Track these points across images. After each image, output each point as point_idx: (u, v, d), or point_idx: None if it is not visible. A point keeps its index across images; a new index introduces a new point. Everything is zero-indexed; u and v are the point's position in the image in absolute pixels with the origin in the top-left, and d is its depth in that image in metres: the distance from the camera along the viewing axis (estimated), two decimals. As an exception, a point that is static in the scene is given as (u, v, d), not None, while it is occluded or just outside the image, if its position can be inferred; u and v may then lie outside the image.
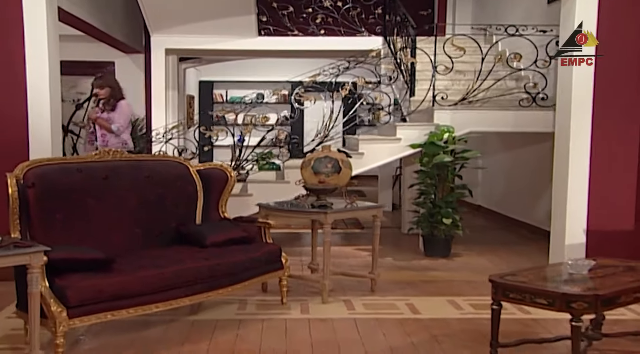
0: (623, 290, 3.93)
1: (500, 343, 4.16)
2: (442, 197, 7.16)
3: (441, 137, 7.08)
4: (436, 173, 7.16)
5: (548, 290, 3.85)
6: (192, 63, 13.11)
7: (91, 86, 7.73)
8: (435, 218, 7.14)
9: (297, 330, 4.84)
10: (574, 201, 6.32)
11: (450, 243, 7.26)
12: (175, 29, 10.02)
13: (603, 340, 4.51)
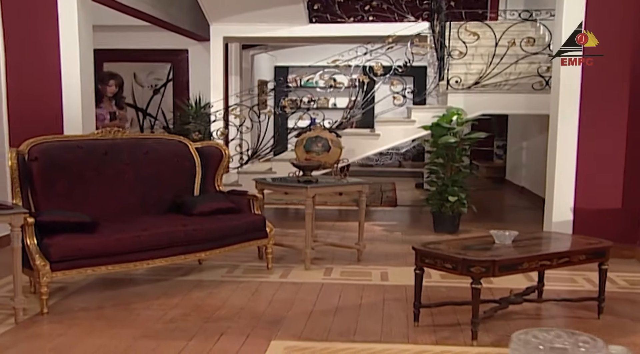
0: (524, 257, 4.26)
1: (423, 304, 4.55)
2: (449, 176, 7.48)
3: (449, 119, 7.40)
4: (445, 153, 7.48)
5: (452, 256, 4.22)
6: (258, 49, 13.75)
7: (106, 79, 7.88)
8: (442, 196, 7.48)
9: (265, 291, 5.37)
10: (562, 181, 6.56)
11: (457, 220, 7.59)
12: (232, 18, 10.66)
13: (523, 304, 4.83)
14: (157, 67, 13.50)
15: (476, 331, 4.20)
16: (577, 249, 4.54)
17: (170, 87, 13.48)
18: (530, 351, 1.99)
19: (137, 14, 9.86)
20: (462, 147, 7.51)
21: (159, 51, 13.20)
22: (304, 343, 4.17)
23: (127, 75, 13.25)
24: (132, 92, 13.50)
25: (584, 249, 4.56)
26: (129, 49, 13.19)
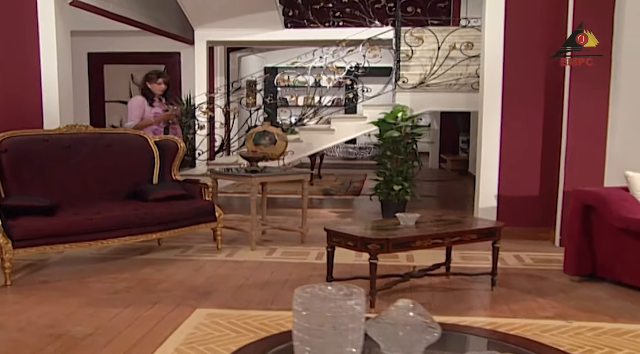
0: (417, 236, 4.59)
1: (335, 277, 4.90)
2: (395, 167, 7.82)
3: (395, 116, 7.74)
4: (391, 146, 7.82)
5: (353, 235, 4.58)
6: (245, 52, 14.11)
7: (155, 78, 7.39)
8: (388, 186, 7.82)
9: (208, 268, 5.74)
10: (487, 171, 6.88)
11: (403, 207, 7.92)
12: (214, 24, 11.00)
13: (432, 279, 5.21)
14: (152, 68, 13.85)
15: (373, 300, 4.54)
16: (467, 229, 4.85)
17: (164, 87, 13.81)
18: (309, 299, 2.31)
19: (127, 22, 10.22)
20: (407, 141, 7.82)
21: (154, 54, 13.60)
22: (224, 311, 4.52)
23: (125, 76, 13.72)
24: (130, 92, 13.88)
25: (474, 229, 4.88)
26: (126, 52, 13.63)
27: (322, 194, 9.95)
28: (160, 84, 7.27)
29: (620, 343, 3.99)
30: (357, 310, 2.24)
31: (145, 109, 7.18)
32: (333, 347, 2.20)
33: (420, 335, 2.48)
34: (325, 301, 2.27)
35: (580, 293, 5.05)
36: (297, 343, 2.23)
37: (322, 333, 2.21)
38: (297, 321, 2.22)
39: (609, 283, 5.24)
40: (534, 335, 4.10)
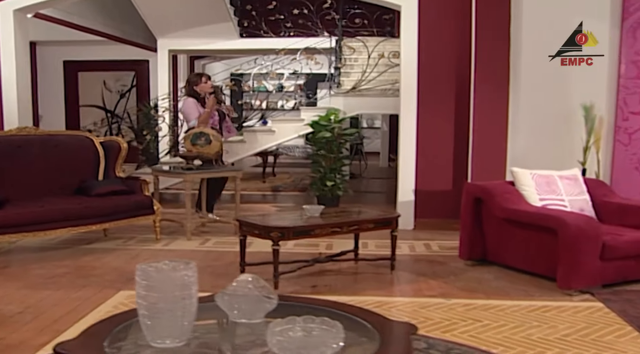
0: (316, 225, 4.88)
1: (247, 263, 5.18)
2: (328, 165, 8.12)
3: (328, 118, 8.04)
4: (324, 146, 8.12)
5: (258, 224, 4.86)
6: (209, 60, 14.37)
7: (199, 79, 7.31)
8: (322, 182, 8.12)
9: (143, 256, 6.00)
10: (405, 167, 7.19)
11: (336, 201, 8.21)
12: (175, 34, 11.24)
13: (341, 264, 5.55)
14: (123, 75, 14.14)
15: (276, 281, 4.83)
16: (364, 219, 5.15)
17: (134, 92, 14.10)
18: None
19: (92, 32, 10.46)
20: (339, 141, 8.11)
21: (125, 61, 13.87)
22: (144, 292, 4.77)
23: (98, 82, 13.95)
24: (102, 97, 14.13)
25: (370, 219, 5.18)
26: (99, 60, 13.86)
27: (271, 190, 10.23)
28: (207, 82, 7.22)
29: (484, 315, 4.30)
30: (187, 280, 2.52)
31: (199, 109, 7.17)
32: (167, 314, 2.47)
33: (259, 304, 2.78)
34: (161, 274, 2.54)
35: (469, 275, 5.35)
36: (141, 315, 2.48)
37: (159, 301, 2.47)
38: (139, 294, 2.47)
39: (496, 266, 5.56)
40: (413, 311, 4.41)
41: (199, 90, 7.15)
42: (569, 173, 5.72)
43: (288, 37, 11.21)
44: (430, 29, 6.91)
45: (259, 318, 2.76)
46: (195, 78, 7.21)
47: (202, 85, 7.15)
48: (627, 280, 5.04)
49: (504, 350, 3.70)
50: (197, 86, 7.15)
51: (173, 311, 2.47)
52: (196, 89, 7.15)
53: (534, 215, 5.05)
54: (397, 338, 2.57)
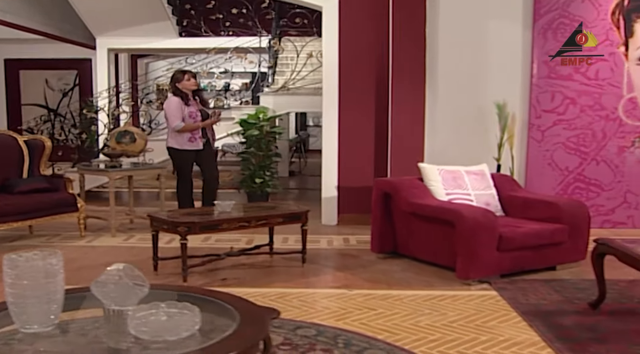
0: (223, 219, 5.05)
1: (160, 257, 5.32)
2: (257, 163, 8.29)
3: (257, 116, 8.20)
4: (253, 144, 8.28)
5: (167, 219, 5.01)
6: (152, 58, 14.44)
7: (181, 76, 6.96)
8: (252, 179, 8.29)
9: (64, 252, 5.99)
10: (328, 164, 7.39)
11: (266, 198, 8.39)
12: (114, 33, 11.33)
13: (256, 257, 5.75)
14: (66, 73, 14.11)
15: (185, 275, 4.98)
16: (272, 213, 5.33)
17: (77, 91, 14.09)
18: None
19: (28, 30, 10.46)
20: (267, 139, 8.29)
21: (67, 60, 13.83)
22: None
23: (39, 81, 13.90)
24: (45, 95, 14.10)
25: (279, 214, 5.36)
26: (41, 59, 13.80)
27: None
28: (190, 80, 6.88)
29: (380, 305, 4.52)
30: (51, 269, 2.67)
31: (182, 109, 6.83)
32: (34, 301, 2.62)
33: (130, 292, 2.94)
34: (28, 263, 2.68)
35: (377, 268, 5.57)
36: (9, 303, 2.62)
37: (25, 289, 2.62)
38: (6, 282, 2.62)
39: (406, 259, 5.79)
40: (313, 301, 4.61)
41: (182, 88, 6.88)
42: (476, 168, 5.98)
43: (227, 36, 11.36)
44: (351, 29, 7.11)
45: (131, 305, 2.91)
46: (178, 75, 6.94)
47: (184, 83, 6.87)
48: (524, 269, 5.30)
49: (389, 336, 3.91)
50: (180, 83, 6.87)
51: (39, 297, 2.61)
52: (179, 86, 6.88)
53: (435, 208, 5.29)
54: (256, 320, 2.75)
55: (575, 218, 5.46)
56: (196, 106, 6.93)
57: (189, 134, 6.84)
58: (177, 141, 6.87)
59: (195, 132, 6.84)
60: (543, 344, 3.79)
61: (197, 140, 6.90)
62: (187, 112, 6.81)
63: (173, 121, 6.80)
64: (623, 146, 7.22)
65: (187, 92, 6.88)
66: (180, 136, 6.83)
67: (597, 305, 4.44)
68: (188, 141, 6.88)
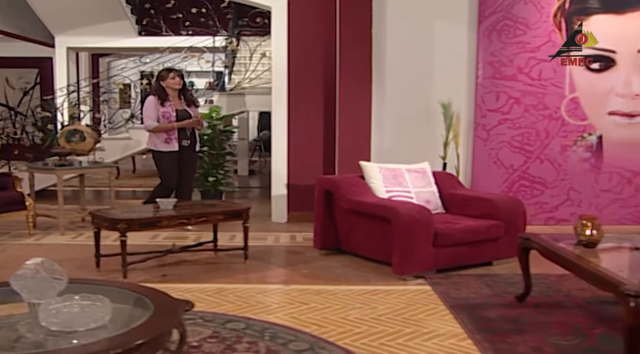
0: (162, 216, 5.14)
1: (102, 254, 5.39)
2: (210, 161, 8.38)
3: (210, 116, 8.29)
4: (207, 143, 8.37)
5: (107, 216, 5.09)
6: (114, 57, 14.44)
7: (166, 75, 6.81)
8: (205, 177, 8.37)
9: (10, 250, 6.13)
10: (278, 163, 7.49)
11: (220, 196, 8.48)
12: (73, 32, 11.33)
13: (200, 253, 5.83)
14: (27, 72, 14.08)
15: (125, 272, 5.06)
16: (212, 211, 5.43)
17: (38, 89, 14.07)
18: None
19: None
20: (220, 138, 8.37)
21: (28, 58, 13.79)
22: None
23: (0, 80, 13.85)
24: (5, 94, 14.06)
25: (219, 211, 5.46)
26: (1, 57, 13.74)
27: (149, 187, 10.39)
28: (174, 79, 6.71)
29: (314, 299, 4.63)
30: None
31: (157, 109, 6.69)
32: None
33: (48, 285, 3.03)
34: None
35: (318, 264, 5.69)
36: None
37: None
38: None
39: (347, 255, 5.91)
40: (248, 296, 4.71)
41: (166, 86, 6.71)
42: (417, 166, 6.12)
43: (187, 36, 11.41)
44: (300, 29, 7.22)
45: (49, 298, 3.00)
46: (163, 73, 6.78)
47: (168, 81, 6.69)
48: (460, 265, 5.45)
49: (317, 329, 4.03)
50: (164, 82, 6.70)
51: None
52: (163, 85, 6.71)
53: (372, 205, 5.42)
54: (168, 311, 2.86)
55: (511, 214, 5.63)
56: (173, 106, 6.74)
57: (164, 135, 6.67)
58: (153, 141, 6.75)
59: (171, 132, 6.67)
60: (464, 336, 3.92)
61: (172, 141, 6.70)
62: (161, 112, 6.68)
63: (146, 120, 6.73)
64: (566, 145, 7.40)
65: (170, 91, 6.74)
66: (155, 136, 6.71)
67: (523, 298, 4.59)
68: (163, 142, 6.71)
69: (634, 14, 7.24)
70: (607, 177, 7.48)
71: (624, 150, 7.42)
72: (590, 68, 7.31)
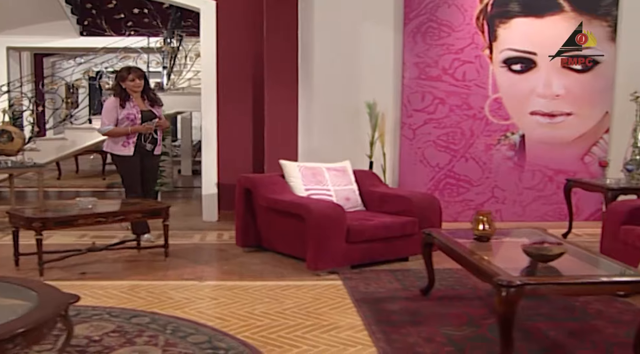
0: (79, 215, 5.23)
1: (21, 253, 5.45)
2: (144, 161, 8.45)
3: (144, 116, 8.36)
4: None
5: (22, 216, 5.16)
6: (58, 57, 14.41)
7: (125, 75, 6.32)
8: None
9: None
10: (208, 162, 7.62)
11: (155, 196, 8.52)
12: (13, 31, 11.31)
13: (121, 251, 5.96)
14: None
15: (41, 269, 5.14)
16: (131, 209, 5.54)
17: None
18: None
19: None
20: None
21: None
22: None
23: None
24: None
25: (138, 209, 5.57)
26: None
27: (105, 187, 10.48)
28: (134, 80, 6.19)
29: (224, 294, 4.77)
30: None
31: (117, 111, 6.22)
32: None
33: None
34: None
35: (238, 261, 5.83)
36: None
37: None
38: None
39: (268, 252, 6.06)
40: (161, 292, 4.83)
41: (125, 87, 6.25)
42: (338, 165, 6.30)
43: (129, 36, 11.46)
44: (228, 31, 7.36)
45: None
46: (123, 73, 6.29)
47: (127, 83, 6.21)
48: (375, 260, 5.63)
49: (220, 322, 4.17)
50: (124, 82, 6.23)
51: None
52: (122, 85, 6.25)
53: (288, 203, 5.58)
54: (52, 304, 2.98)
55: (426, 211, 5.82)
56: (138, 107, 6.27)
57: (123, 137, 6.19)
58: (109, 144, 6.32)
59: (130, 136, 6.20)
60: (362, 328, 4.09)
61: (129, 145, 6.23)
62: (125, 114, 6.18)
63: (101, 123, 6.29)
64: (490, 144, 7.64)
65: (131, 92, 6.26)
66: (111, 140, 6.26)
67: (428, 292, 4.79)
68: (120, 145, 6.23)
69: (553, 17, 7.47)
70: (530, 174, 7.72)
71: (545, 149, 7.68)
72: (512, 70, 7.54)
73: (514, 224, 7.28)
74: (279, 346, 3.78)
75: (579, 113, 7.65)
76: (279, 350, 3.72)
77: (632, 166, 6.42)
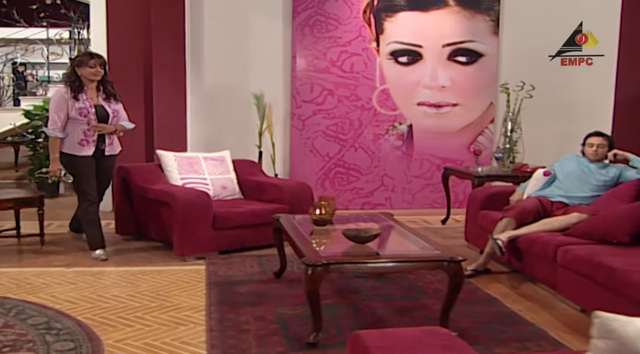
0: None
1: None
2: (44, 152, 8.62)
3: (43, 108, 8.53)
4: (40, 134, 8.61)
5: None
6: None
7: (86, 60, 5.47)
8: (40, 169, 8.61)
9: None
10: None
11: (57, 187, 8.73)
12: None
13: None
14: None
15: None
16: (2, 199, 5.74)
17: None
18: None
19: None
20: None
21: None
22: None
23: None
24: None
25: (9, 199, 5.79)
26: None
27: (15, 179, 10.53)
28: (95, 67, 5.42)
29: (84, 280, 5.00)
30: None
31: (68, 104, 5.39)
32: None
33: None
34: None
35: (114, 248, 6.01)
36: None
37: None
38: None
39: (145, 240, 6.31)
40: (24, 278, 5.04)
41: (80, 74, 5.45)
42: (216, 154, 6.57)
43: (43, 27, 11.56)
44: (118, 23, 7.51)
45: None
46: (82, 58, 5.49)
47: (86, 69, 5.42)
48: (245, 246, 5.92)
49: (67, 305, 4.40)
50: (80, 68, 5.44)
51: None
52: (78, 72, 5.44)
53: (156, 192, 5.85)
54: None
55: (297, 198, 6.13)
56: (91, 101, 5.51)
57: (81, 135, 5.47)
58: (64, 142, 5.51)
59: (88, 133, 5.50)
60: (202, 308, 4.38)
61: (89, 144, 5.54)
62: (77, 108, 5.40)
63: (51, 120, 5.44)
64: (378, 133, 8.00)
65: (86, 81, 5.48)
66: (66, 136, 5.49)
67: (280, 275, 5.10)
68: (77, 144, 5.50)
69: (438, 11, 7.84)
70: (419, 163, 8.10)
71: (432, 138, 8.06)
72: (399, 62, 7.89)
73: (402, 211, 7.64)
74: (113, 325, 4.04)
75: (465, 104, 8.04)
76: (111, 329, 3.97)
77: (500, 154, 6.82)
